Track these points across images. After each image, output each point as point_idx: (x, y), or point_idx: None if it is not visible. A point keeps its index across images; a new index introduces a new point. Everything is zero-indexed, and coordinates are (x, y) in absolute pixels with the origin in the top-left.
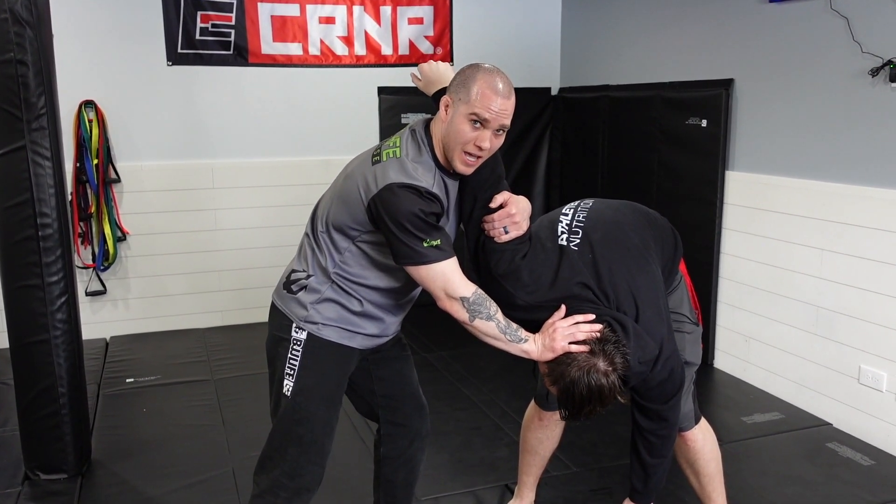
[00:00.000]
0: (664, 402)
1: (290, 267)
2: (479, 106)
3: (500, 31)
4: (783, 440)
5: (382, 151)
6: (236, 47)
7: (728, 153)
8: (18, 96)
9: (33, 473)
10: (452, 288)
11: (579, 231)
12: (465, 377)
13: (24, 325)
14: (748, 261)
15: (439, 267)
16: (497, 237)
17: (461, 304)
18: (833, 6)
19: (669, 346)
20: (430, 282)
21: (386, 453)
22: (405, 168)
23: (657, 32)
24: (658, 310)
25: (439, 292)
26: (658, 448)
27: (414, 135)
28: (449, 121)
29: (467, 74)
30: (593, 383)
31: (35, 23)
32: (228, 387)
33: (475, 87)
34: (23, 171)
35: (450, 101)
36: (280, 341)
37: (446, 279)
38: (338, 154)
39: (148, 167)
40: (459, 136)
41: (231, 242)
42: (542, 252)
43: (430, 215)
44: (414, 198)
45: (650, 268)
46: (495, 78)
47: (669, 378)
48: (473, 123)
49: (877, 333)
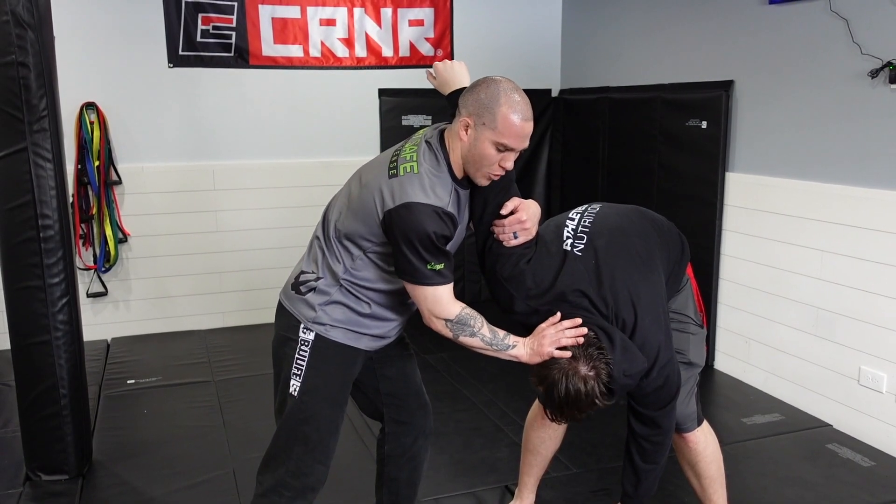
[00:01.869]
0: (659, 409)
1: (298, 268)
2: (507, 136)
3: (500, 33)
4: (783, 441)
5: (399, 165)
6: (237, 49)
7: (728, 154)
8: (20, 98)
9: (34, 474)
10: (439, 310)
11: (584, 237)
12: (465, 378)
13: (25, 326)
14: (748, 262)
15: (434, 290)
16: (506, 242)
17: (445, 324)
18: (833, 8)
19: (666, 354)
20: (422, 300)
21: (390, 451)
22: (424, 185)
23: (657, 34)
24: (657, 317)
25: (426, 311)
26: (651, 454)
27: (430, 147)
28: (472, 143)
29: (490, 96)
30: (571, 387)
31: (36, 25)
32: (229, 388)
33: (500, 114)
34: (24, 173)
35: (470, 122)
36: (287, 341)
37: (436, 302)
38: (338, 156)
39: (149, 169)
40: (485, 160)
41: (232, 244)
42: (547, 257)
43: (440, 238)
44: (429, 219)
45: (653, 275)
46: (520, 103)
47: (665, 385)
48: (499, 149)
49: (877, 335)
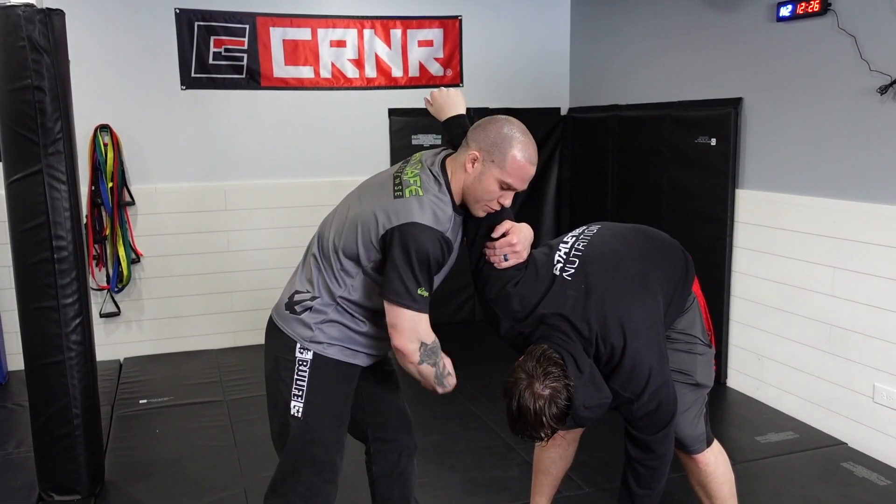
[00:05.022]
0: (653, 434)
1: (291, 287)
2: (513, 176)
3: (509, 53)
4: (797, 460)
5: (405, 188)
6: (249, 71)
7: (738, 171)
8: (35, 121)
9: (47, 495)
10: (418, 334)
11: (576, 261)
12: (476, 397)
13: (39, 346)
14: (760, 279)
15: (416, 315)
16: (497, 264)
17: (418, 348)
18: (840, 25)
19: (658, 378)
20: (402, 321)
21: (378, 472)
22: (428, 209)
23: (665, 52)
24: (649, 341)
25: (405, 333)
26: (646, 479)
27: (432, 173)
28: (476, 177)
29: (502, 136)
30: (522, 402)
31: (52, 50)
32: (241, 407)
33: (510, 155)
34: (39, 195)
35: (478, 157)
36: (282, 362)
37: (417, 325)
38: (349, 175)
39: (162, 189)
40: (487, 194)
41: (243, 264)
42: (536, 281)
43: (435, 263)
44: (431, 242)
45: (647, 298)
46: (529, 148)
47: (658, 410)
48: (502, 186)
49: (891, 352)
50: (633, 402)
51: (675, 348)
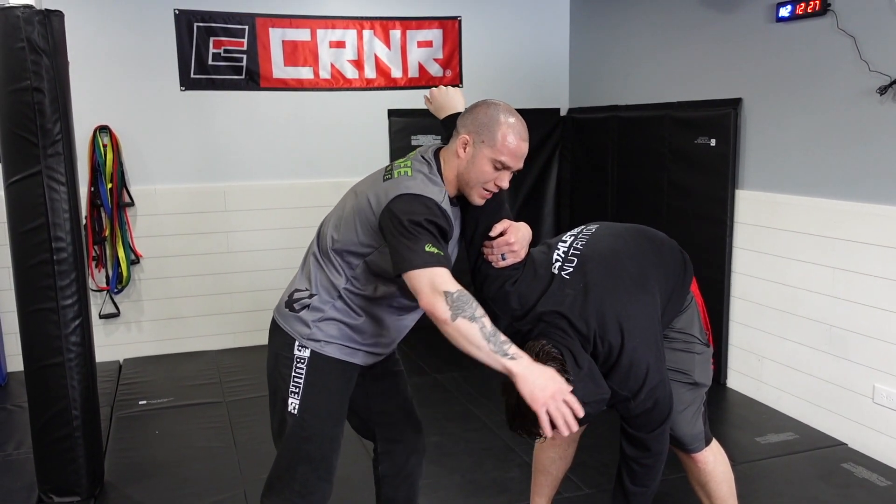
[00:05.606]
0: (649, 432)
1: (292, 286)
2: (505, 154)
3: (508, 53)
4: (797, 461)
5: (394, 171)
6: (248, 72)
7: (737, 172)
8: (35, 123)
9: (47, 496)
10: (439, 281)
11: (574, 260)
12: (476, 398)
13: (38, 347)
14: (759, 279)
15: (432, 270)
16: (495, 263)
17: (444, 298)
18: (840, 25)
19: (656, 376)
20: (421, 284)
21: (385, 471)
22: (417, 183)
23: (665, 52)
24: (646, 339)
25: (425, 287)
26: (640, 477)
27: (424, 160)
28: (469, 160)
29: (489, 117)
30: (520, 398)
31: (51, 51)
32: (240, 409)
33: (499, 133)
34: (38, 196)
35: (469, 140)
36: (282, 360)
37: (434, 277)
38: (349, 176)
39: (161, 191)
40: (481, 175)
41: (243, 265)
42: (534, 280)
43: (433, 224)
44: (424, 207)
45: (645, 297)
46: (518, 124)
47: (655, 408)
48: (496, 167)
49: (891, 352)
50: (630, 399)
51: (673, 347)
